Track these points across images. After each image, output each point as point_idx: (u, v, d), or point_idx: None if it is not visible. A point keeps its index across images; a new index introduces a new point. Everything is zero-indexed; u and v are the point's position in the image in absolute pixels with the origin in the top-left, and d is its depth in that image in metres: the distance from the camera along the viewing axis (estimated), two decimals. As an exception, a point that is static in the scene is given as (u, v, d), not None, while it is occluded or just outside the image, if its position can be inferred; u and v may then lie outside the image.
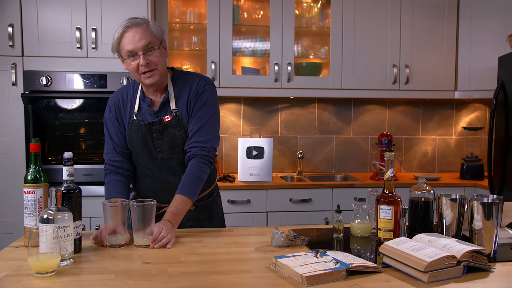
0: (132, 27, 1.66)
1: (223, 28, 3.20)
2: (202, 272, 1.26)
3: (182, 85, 1.80)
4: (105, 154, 1.85)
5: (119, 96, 1.85)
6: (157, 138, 1.77)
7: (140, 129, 1.77)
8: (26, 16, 2.80)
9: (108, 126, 1.85)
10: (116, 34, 1.68)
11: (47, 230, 1.23)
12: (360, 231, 1.63)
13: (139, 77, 1.71)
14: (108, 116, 1.85)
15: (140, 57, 1.66)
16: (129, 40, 1.65)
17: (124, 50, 1.68)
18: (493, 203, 1.40)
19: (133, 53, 1.67)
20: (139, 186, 1.89)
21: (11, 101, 2.81)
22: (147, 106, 1.78)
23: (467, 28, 3.42)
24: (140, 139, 1.78)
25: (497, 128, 2.93)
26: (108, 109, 1.85)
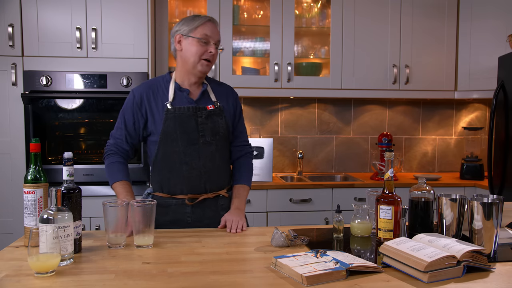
0: (214, 22, 1.88)
1: (223, 28, 3.20)
2: (202, 272, 1.26)
3: (215, 84, 1.99)
4: (114, 138, 1.93)
5: (149, 87, 1.90)
6: (202, 123, 1.86)
7: (181, 116, 1.84)
8: (26, 16, 2.80)
9: (126, 114, 1.89)
10: (198, 20, 1.84)
11: (47, 230, 1.24)
12: (360, 231, 1.63)
13: (197, 61, 1.83)
14: (129, 105, 1.88)
15: (212, 46, 1.84)
16: (210, 28, 1.84)
17: (201, 32, 1.82)
18: (493, 203, 1.40)
19: (208, 39, 1.83)
20: (169, 177, 1.87)
21: (11, 101, 2.81)
22: (186, 95, 1.88)
23: (467, 28, 3.42)
24: (179, 126, 1.83)
25: (497, 128, 2.93)
26: (132, 97, 1.88)
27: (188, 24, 1.84)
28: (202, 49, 1.83)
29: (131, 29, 2.88)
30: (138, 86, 1.92)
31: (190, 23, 1.84)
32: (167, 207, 1.88)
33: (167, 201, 1.88)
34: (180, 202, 1.88)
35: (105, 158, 1.92)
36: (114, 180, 1.85)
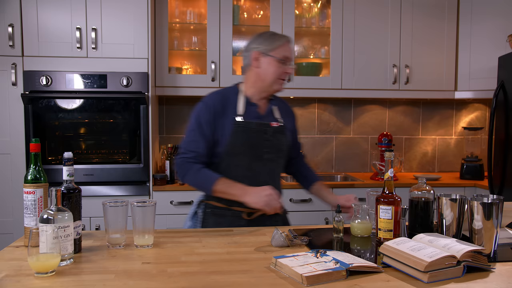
0: (291, 42, 1.93)
1: (223, 28, 3.20)
2: (202, 272, 1.26)
3: (278, 101, 2.03)
4: (190, 151, 1.83)
5: (221, 98, 1.90)
6: (267, 139, 1.89)
7: (250, 130, 1.86)
8: (26, 16, 2.80)
9: (204, 125, 1.84)
10: (278, 41, 1.87)
11: (47, 230, 1.23)
12: (360, 231, 1.63)
13: (274, 80, 1.88)
14: (206, 116, 1.85)
15: (289, 67, 1.89)
16: (289, 50, 1.89)
17: (281, 53, 1.86)
18: (493, 203, 1.40)
19: (288, 61, 1.88)
20: None
21: (11, 101, 2.81)
22: (255, 110, 1.91)
23: (467, 28, 3.42)
24: (247, 139, 1.85)
25: (497, 128, 2.93)
26: (207, 108, 1.86)
27: (268, 43, 1.87)
28: (280, 69, 1.87)
29: (131, 29, 2.88)
30: (209, 97, 1.90)
31: (270, 42, 1.87)
32: (223, 217, 1.89)
33: (223, 212, 1.89)
34: (237, 214, 1.88)
35: (186, 168, 1.82)
36: (214, 179, 1.79)
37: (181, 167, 1.83)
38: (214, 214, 1.90)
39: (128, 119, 2.94)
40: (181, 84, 3.20)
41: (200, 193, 1.97)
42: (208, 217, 1.92)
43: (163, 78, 3.17)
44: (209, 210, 1.92)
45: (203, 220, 1.93)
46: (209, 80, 3.20)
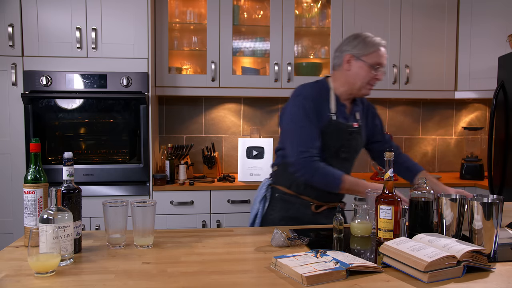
0: (383, 47, 1.93)
1: (223, 28, 3.20)
2: (202, 272, 1.26)
3: (358, 101, 2.07)
4: (312, 143, 1.83)
5: (316, 92, 1.92)
6: (349, 139, 1.94)
7: (339, 129, 1.90)
8: (26, 16, 2.80)
9: (312, 116, 1.85)
10: (373, 46, 1.89)
11: (47, 230, 1.23)
12: (360, 231, 1.63)
13: (363, 85, 1.92)
14: (311, 106, 1.86)
15: (380, 73, 1.91)
16: (383, 56, 1.92)
17: (374, 59, 1.89)
18: (493, 203, 1.39)
19: (381, 66, 1.91)
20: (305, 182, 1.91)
21: (11, 101, 2.81)
22: (343, 110, 1.94)
23: (467, 28, 3.42)
24: (334, 138, 1.89)
25: (497, 128, 2.93)
26: (308, 100, 1.87)
27: (362, 48, 1.89)
28: (370, 75, 1.90)
29: (131, 29, 2.88)
30: (304, 89, 1.91)
31: (364, 46, 1.89)
32: (291, 203, 1.94)
33: (292, 198, 1.94)
34: (305, 204, 1.93)
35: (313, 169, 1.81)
36: (341, 177, 1.81)
37: (306, 168, 1.81)
38: (282, 200, 1.95)
39: (128, 119, 2.94)
40: (181, 84, 3.20)
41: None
42: (276, 202, 1.97)
43: (163, 78, 3.17)
44: (278, 194, 1.97)
45: (270, 204, 1.98)
46: (209, 80, 3.20)
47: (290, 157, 1.86)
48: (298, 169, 1.83)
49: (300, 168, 1.82)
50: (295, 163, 1.83)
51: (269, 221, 1.97)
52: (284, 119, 1.93)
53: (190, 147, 3.28)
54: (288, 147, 1.89)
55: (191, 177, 3.21)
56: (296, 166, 1.84)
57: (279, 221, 1.93)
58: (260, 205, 1.99)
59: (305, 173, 1.82)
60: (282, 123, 1.95)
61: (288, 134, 1.90)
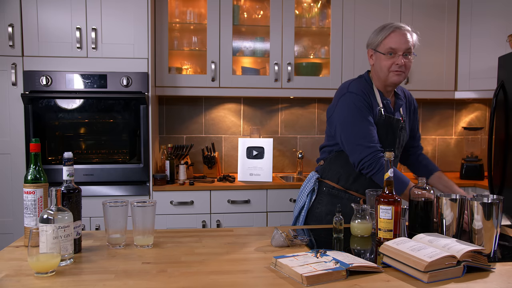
0: (401, 29, 1.85)
1: (223, 28, 3.20)
2: (202, 272, 1.26)
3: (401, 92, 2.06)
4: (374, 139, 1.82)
5: (363, 87, 1.91)
6: (398, 136, 1.95)
7: (390, 124, 1.89)
8: (26, 16, 2.80)
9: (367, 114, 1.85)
10: (383, 32, 1.85)
11: (47, 230, 1.23)
12: (360, 231, 1.63)
13: (387, 74, 1.88)
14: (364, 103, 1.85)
15: (399, 57, 1.84)
16: (395, 40, 1.83)
17: (386, 46, 1.85)
18: (493, 203, 1.40)
19: (394, 51, 1.84)
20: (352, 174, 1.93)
21: (11, 101, 2.81)
22: (389, 104, 1.93)
23: (467, 28, 3.42)
24: (385, 133, 1.88)
25: (497, 128, 2.93)
26: (359, 96, 1.86)
27: (374, 38, 1.89)
28: (389, 62, 1.86)
29: (131, 29, 2.88)
30: (352, 86, 1.90)
31: (377, 36, 1.88)
32: (338, 198, 1.96)
33: (339, 193, 1.96)
34: (353, 199, 1.95)
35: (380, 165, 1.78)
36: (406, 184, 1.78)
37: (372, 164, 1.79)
38: (330, 194, 1.97)
39: (128, 119, 2.94)
40: (181, 84, 3.20)
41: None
42: (324, 196, 1.99)
43: (163, 78, 3.17)
44: (325, 189, 1.99)
45: (317, 197, 2.00)
46: (209, 80, 3.20)
47: (354, 155, 1.83)
48: (364, 166, 1.81)
49: (367, 165, 1.80)
50: (362, 159, 1.81)
51: (316, 214, 1.99)
52: (337, 117, 1.91)
53: (190, 147, 3.28)
54: (349, 145, 1.85)
55: (191, 177, 3.21)
56: (362, 163, 1.81)
57: (326, 215, 1.94)
58: (307, 198, 2.01)
59: (371, 169, 1.80)
60: (333, 121, 1.93)
61: (347, 131, 1.86)
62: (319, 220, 1.99)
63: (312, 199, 2.01)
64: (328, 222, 1.94)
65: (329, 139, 2.01)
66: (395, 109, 1.99)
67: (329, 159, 2.01)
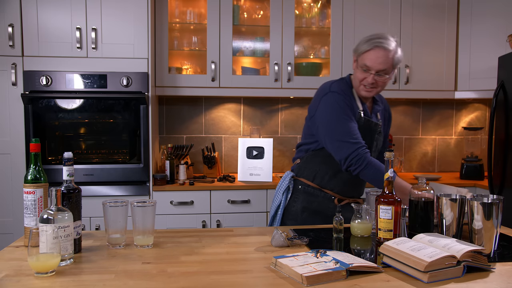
0: (380, 48, 1.83)
1: (223, 28, 3.20)
2: (202, 272, 1.26)
3: (379, 98, 2.07)
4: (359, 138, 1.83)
5: (345, 89, 1.91)
6: (375, 139, 1.97)
7: (368, 127, 1.91)
8: (26, 16, 2.80)
9: (349, 113, 1.86)
10: (365, 46, 1.85)
11: (47, 230, 1.24)
12: (360, 231, 1.63)
13: (358, 86, 1.90)
14: (345, 103, 1.86)
15: (370, 76, 1.84)
16: (371, 58, 1.83)
17: (362, 61, 1.87)
18: (493, 203, 1.40)
19: (368, 68, 1.85)
20: (328, 173, 1.94)
21: (11, 101, 2.81)
22: (367, 108, 1.94)
23: (467, 28, 3.42)
24: (366, 135, 1.89)
25: (497, 128, 2.93)
26: (341, 96, 1.87)
27: (358, 47, 1.89)
28: (361, 76, 1.87)
29: (131, 29, 2.88)
30: (334, 86, 1.91)
31: (361, 46, 1.88)
32: (314, 196, 1.97)
33: (315, 191, 1.97)
34: (328, 197, 1.96)
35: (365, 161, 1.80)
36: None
37: (360, 160, 1.79)
38: (305, 192, 1.98)
39: (128, 119, 2.94)
40: (181, 84, 3.20)
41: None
42: (299, 194, 1.99)
43: (163, 78, 3.17)
44: (301, 187, 1.99)
45: (292, 195, 2.00)
46: (209, 80, 3.20)
47: (340, 152, 1.82)
48: (352, 162, 1.80)
49: (354, 161, 1.80)
50: (348, 156, 1.80)
51: (292, 212, 1.99)
52: (320, 116, 1.90)
53: (190, 147, 3.28)
54: (334, 143, 1.85)
55: (191, 177, 3.21)
56: (349, 160, 1.80)
57: (302, 213, 1.96)
58: (283, 196, 2.02)
59: (359, 165, 1.79)
60: (316, 121, 1.93)
61: (330, 129, 1.86)
62: (295, 218, 2.00)
63: (288, 198, 2.01)
64: (304, 219, 1.97)
65: (307, 138, 2.01)
66: (372, 114, 2.01)
67: (305, 157, 2.02)
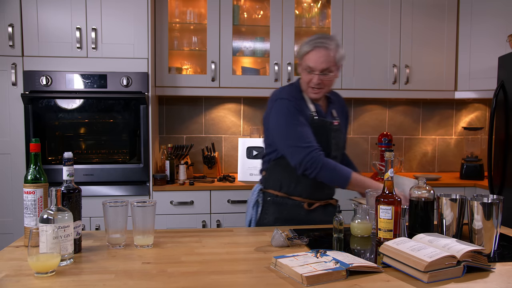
0: (320, 48, 1.83)
1: (223, 28, 3.20)
2: (202, 272, 1.26)
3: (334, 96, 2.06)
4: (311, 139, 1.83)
5: (294, 93, 1.92)
6: (334, 138, 1.95)
7: (323, 127, 1.90)
8: (26, 16, 2.80)
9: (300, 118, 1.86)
10: (305, 47, 1.86)
11: (47, 230, 1.23)
12: (360, 231, 1.63)
13: (306, 88, 1.90)
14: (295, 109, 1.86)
15: (315, 76, 1.84)
16: (313, 59, 1.84)
17: (305, 63, 1.87)
18: (493, 203, 1.40)
19: (311, 69, 1.85)
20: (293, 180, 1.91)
21: (11, 101, 2.81)
22: (320, 109, 1.94)
23: (467, 28, 3.42)
24: (320, 137, 1.88)
25: (497, 128, 2.93)
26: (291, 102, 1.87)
27: (299, 50, 1.89)
28: (307, 78, 1.87)
29: (131, 29, 2.88)
30: (283, 92, 1.92)
31: (300, 49, 1.88)
32: (283, 205, 1.95)
33: (284, 200, 1.95)
34: (297, 204, 1.94)
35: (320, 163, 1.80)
36: (350, 174, 1.83)
37: (314, 162, 1.80)
38: (274, 203, 1.96)
39: (128, 119, 2.94)
40: (181, 84, 3.20)
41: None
42: (269, 206, 1.97)
43: (163, 78, 3.17)
44: (270, 198, 1.97)
45: (263, 208, 1.98)
46: (209, 80, 3.20)
47: (294, 157, 1.83)
48: (307, 166, 1.81)
49: (309, 165, 1.80)
50: (302, 160, 1.80)
51: (265, 224, 1.98)
52: (272, 124, 1.91)
53: (190, 147, 3.28)
54: (287, 149, 1.86)
55: (191, 177, 3.21)
56: (303, 164, 1.81)
57: (274, 224, 1.93)
58: (253, 210, 2.00)
59: (314, 168, 1.80)
60: (269, 129, 1.94)
61: (282, 136, 1.87)
62: None
63: (259, 211, 1.99)
64: None
65: (267, 148, 2.00)
66: (327, 113, 1.99)
67: (269, 168, 2.00)
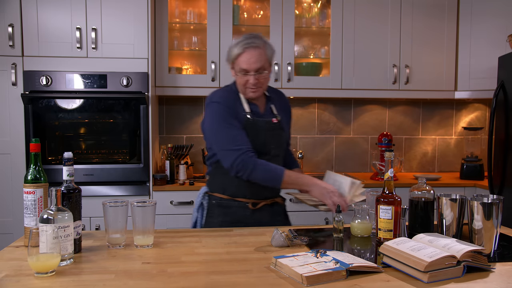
0: (250, 49, 1.83)
1: (223, 28, 3.20)
2: (202, 272, 1.26)
3: (273, 94, 2.05)
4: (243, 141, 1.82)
5: (227, 96, 1.91)
6: (272, 136, 1.94)
7: (258, 127, 1.89)
8: (26, 16, 2.80)
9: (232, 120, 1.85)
10: (235, 50, 1.85)
11: (47, 230, 1.23)
12: (360, 231, 1.64)
13: (244, 90, 1.89)
14: (226, 112, 1.86)
15: (251, 77, 1.84)
16: (245, 60, 1.83)
17: (238, 66, 1.86)
18: (493, 203, 1.40)
19: (246, 71, 1.84)
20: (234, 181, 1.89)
21: (11, 101, 2.81)
22: (256, 108, 1.93)
23: (467, 28, 3.42)
24: (254, 137, 1.87)
25: (497, 128, 2.93)
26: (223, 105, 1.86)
27: (230, 53, 1.87)
28: (243, 80, 1.86)
29: (131, 29, 2.88)
30: (217, 95, 1.91)
31: (232, 52, 1.86)
32: (228, 208, 1.93)
33: (229, 203, 1.93)
34: (242, 205, 1.92)
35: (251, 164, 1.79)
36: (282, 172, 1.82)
37: (245, 164, 1.79)
38: (219, 205, 1.94)
39: (128, 119, 2.94)
40: (181, 84, 3.20)
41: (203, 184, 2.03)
42: (214, 208, 1.96)
43: (163, 78, 3.17)
44: (214, 201, 1.96)
45: (208, 211, 1.97)
46: (209, 80, 3.20)
47: (226, 160, 1.83)
48: (238, 168, 1.80)
49: (240, 167, 1.79)
50: (233, 162, 1.80)
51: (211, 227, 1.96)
52: (206, 127, 1.93)
53: (190, 147, 3.28)
54: (219, 152, 1.86)
55: (191, 177, 3.21)
56: (235, 166, 1.80)
57: (220, 226, 1.89)
58: (198, 213, 2.00)
59: (245, 169, 1.79)
60: (205, 132, 1.95)
61: (214, 140, 1.87)
62: None
63: (204, 214, 1.98)
64: None
65: (208, 151, 2.00)
66: (265, 111, 1.98)
67: (211, 171, 2.00)
